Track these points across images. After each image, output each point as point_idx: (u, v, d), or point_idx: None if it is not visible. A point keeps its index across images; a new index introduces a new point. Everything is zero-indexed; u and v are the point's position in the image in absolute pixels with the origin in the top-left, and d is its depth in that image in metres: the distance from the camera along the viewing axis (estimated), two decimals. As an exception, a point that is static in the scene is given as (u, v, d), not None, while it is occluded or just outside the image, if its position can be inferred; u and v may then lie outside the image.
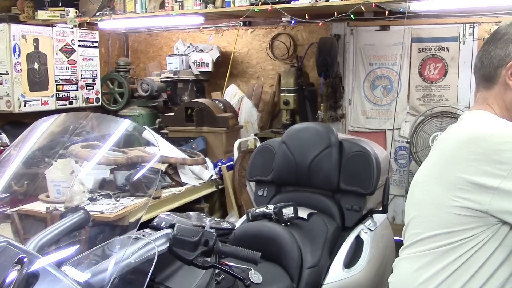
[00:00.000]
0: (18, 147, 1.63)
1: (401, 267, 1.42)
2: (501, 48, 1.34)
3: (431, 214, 1.33)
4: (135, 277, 1.34)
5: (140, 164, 3.03)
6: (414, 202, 1.42)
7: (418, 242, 1.36)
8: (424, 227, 1.35)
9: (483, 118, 1.35)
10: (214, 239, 1.54)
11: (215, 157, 4.39)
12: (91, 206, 2.75)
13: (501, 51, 1.34)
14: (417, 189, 1.41)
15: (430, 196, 1.34)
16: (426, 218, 1.35)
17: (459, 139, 1.30)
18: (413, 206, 1.42)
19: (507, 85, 1.34)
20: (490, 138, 1.23)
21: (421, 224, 1.36)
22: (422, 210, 1.37)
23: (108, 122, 1.91)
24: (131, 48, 6.38)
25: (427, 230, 1.33)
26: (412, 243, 1.39)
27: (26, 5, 5.33)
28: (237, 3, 4.45)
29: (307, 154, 2.61)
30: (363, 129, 5.11)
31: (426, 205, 1.35)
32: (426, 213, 1.35)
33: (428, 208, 1.34)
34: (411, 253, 1.38)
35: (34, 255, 1.20)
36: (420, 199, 1.39)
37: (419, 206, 1.39)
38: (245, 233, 2.27)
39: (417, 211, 1.39)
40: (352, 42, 5.07)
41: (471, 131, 1.30)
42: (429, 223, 1.33)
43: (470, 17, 4.54)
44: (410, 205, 1.44)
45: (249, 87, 5.57)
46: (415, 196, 1.42)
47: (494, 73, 1.35)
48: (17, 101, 4.62)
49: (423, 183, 1.38)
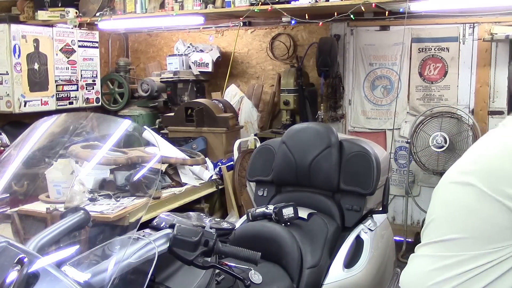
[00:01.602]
0: (18, 147, 1.63)
1: (416, 264, 1.36)
2: None
3: (459, 218, 1.27)
4: (135, 277, 1.34)
5: (140, 164, 3.03)
6: (441, 199, 1.34)
7: (440, 243, 1.30)
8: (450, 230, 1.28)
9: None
10: (214, 239, 1.54)
11: (215, 157, 4.40)
12: (91, 206, 2.75)
13: None
14: (446, 187, 1.33)
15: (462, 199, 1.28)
16: (454, 220, 1.28)
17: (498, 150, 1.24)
18: (439, 204, 1.34)
19: None
20: None
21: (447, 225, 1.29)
22: (449, 210, 1.30)
23: (108, 122, 1.91)
24: (131, 48, 6.38)
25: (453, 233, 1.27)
26: (432, 243, 1.32)
27: (26, 5, 5.33)
28: (237, 3, 4.45)
29: (307, 154, 2.61)
30: (363, 129, 5.11)
31: (455, 208, 1.28)
32: (453, 215, 1.28)
33: (457, 212, 1.28)
34: (430, 252, 1.32)
35: (34, 255, 1.20)
36: (448, 198, 1.32)
37: (447, 206, 1.32)
38: (245, 233, 2.27)
39: (443, 210, 1.32)
40: (352, 42, 5.07)
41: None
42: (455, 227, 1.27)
43: (470, 17, 4.54)
44: (436, 202, 1.36)
45: (249, 87, 5.57)
46: (442, 193, 1.35)
47: None
48: (17, 101, 4.62)
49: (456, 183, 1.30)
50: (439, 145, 4.28)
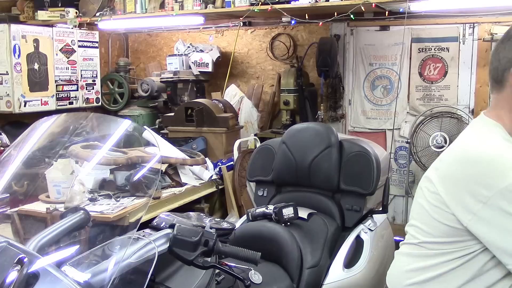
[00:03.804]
0: (18, 147, 1.63)
1: (398, 262, 1.47)
2: (509, 50, 1.27)
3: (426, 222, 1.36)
4: (135, 277, 1.33)
5: (140, 164, 3.03)
6: (417, 202, 1.42)
7: (415, 245, 1.39)
8: (421, 232, 1.38)
9: (483, 134, 1.31)
10: (214, 239, 1.54)
11: (215, 157, 4.39)
12: (91, 206, 2.75)
13: (509, 53, 1.27)
14: (420, 191, 1.41)
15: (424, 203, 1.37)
16: (424, 224, 1.37)
17: (455, 156, 1.31)
18: (416, 206, 1.43)
19: None
20: (480, 161, 1.23)
21: (419, 228, 1.39)
22: (420, 214, 1.39)
23: (108, 122, 1.91)
24: (131, 48, 6.38)
25: (424, 236, 1.36)
26: (410, 243, 1.42)
27: (26, 5, 5.33)
28: (237, 3, 4.45)
29: (307, 154, 2.61)
30: (363, 129, 5.11)
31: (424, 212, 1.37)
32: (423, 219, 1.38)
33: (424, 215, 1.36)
34: (408, 251, 1.42)
35: (34, 255, 1.20)
36: (418, 201, 1.41)
37: (419, 210, 1.40)
38: (245, 233, 2.27)
39: (417, 214, 1.41)
40: (352, 42, 5.07)
41: (467, 149, 1.29)
42: (425, 229, 1.36)
43: (470, 17, 4.54)
44: (415, 203, 1.45)
45: (249, 87, 5.57)
46: (415, 195, 1.44)
47: (502, 76, 1.30)
48: (17, 101, 4.62)
49: (426, 188, 1.38)
50: (439, 145, 4.28)
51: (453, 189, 1.27)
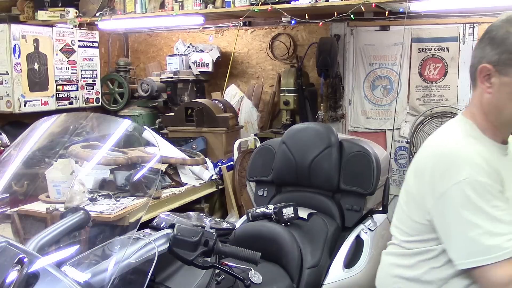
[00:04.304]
0: (18, 147, 1.63)
1: (383, 262, 1.50)
2: (481, 48, 1.28)
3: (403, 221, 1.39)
4: (135, 277, 1.34)
5: (140, 164, 3.03)
6: (398, 202, 1.45)
7: (397, 245, 1.42)
8: (400, 232, 1.41)
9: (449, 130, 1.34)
10: (214, 239, 1.54)
11: (215, 157, 4.39)
12: (91, 206, 2.75)
13: (480, 52, 1.29)
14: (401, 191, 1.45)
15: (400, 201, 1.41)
16: (402, 223, 1.40)
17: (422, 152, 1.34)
18: (397, 207, 1.46)
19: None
20: (439, 156, 1.26)
21: (399, 228, 1.42)
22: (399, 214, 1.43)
23: (108, 122, 1.91)
24: (131, 48, 6.38)
25: (402, 235, 1.40)
26: (393, 243, 1.46)
27: (26, 5, 5.33)
28: (237, 3, 4.45)
29: (307, 154, 2.61)
30: (363, 129, 5.11)
31: (401, 211, 1.41)
32: (401, 218, 1.41)
33: (402, 214, 1.40)
34: (392, 251, 1.45)
35: (34, 255, 1.20)
36: (400, 202, 1.44)
37: (399, 209, 1.44)
38: (245, 233, 2.27)
39: (397, 214, 1.45)
40: (352, 42, 5.07)
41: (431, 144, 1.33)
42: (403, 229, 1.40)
43: (470, 17, 4.54)
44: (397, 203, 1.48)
45: (249, 87, 5.57)
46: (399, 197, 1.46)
47: (474, 74, 1.32)
48: (17, 101, 4.62)
49: (403, 187, 1.42)
50: (439, 145, 4.27)
51: (419, 184, 1.29)
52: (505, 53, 1.21)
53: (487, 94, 1.27)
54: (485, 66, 1.25)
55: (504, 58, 1.22)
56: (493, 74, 1.24)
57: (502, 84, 1.23)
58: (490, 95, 1.27)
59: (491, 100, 1.27)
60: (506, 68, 1.22)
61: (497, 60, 1.23)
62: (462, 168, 1.18)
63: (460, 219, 1.16)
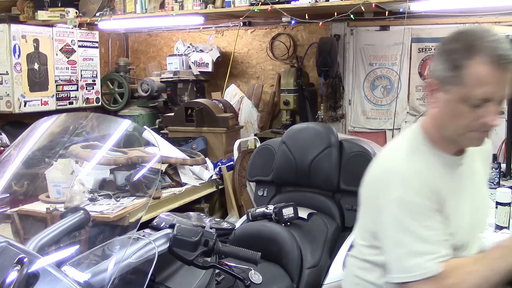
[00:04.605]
0: (18, 147, 1.62)
1: (348, 262, 1.55)
2: (433, 61, 1.27)
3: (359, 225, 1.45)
4: (135, 277, 1.33)
5: (140, 164, 3.03)
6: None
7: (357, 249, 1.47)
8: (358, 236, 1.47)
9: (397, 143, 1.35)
10: (214, 239, 1.54)
11: (215, 157, 4.39)
12: (91, 206, 2.75)
13: (432, 64, 1.26)
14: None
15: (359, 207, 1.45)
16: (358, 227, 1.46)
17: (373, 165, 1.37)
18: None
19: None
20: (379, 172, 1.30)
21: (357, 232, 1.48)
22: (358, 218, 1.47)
23: (108, 122, 1.91)
24: (131, 48, 6.38)
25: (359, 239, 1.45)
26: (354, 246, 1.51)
27: (26, 5, 5.33)
28: (237, 3, 4.45)
29: (307, 154, 2.61)
30: (363, 129, 5.11)
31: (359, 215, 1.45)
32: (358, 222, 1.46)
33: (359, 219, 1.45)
34: (353, 254, 1.50)
35: (34, 255, 1.19)
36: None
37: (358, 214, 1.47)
38: (245, 233, 2.27)
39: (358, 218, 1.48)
40: (352, 42, 5.07)
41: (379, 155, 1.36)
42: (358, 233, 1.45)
43: (470, 17, 4.54)
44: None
45: (249, 87, 5.57)
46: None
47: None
48: (17, 101, 4.62)
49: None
50: (439, 145, 4.27)
51: (367, 195, 1.34)
52: (447, 70, 1.19)
53: (434, 108, 1.27)
54: (431, 81, 1.24)
55: (447, 76, 1.19)
56: (438, 89, 1.23)
57: (445, 100, 1.21)
58: (437, 110, 1.26)
59: (438, 115, 1.26)
60: (448, 85, 1.19)
61: (441, 76, 1.20)
62: (395, 188, 1.21)
63: (390, 236, 1.22)
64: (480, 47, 1.15)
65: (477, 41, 1.15)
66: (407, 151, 1.28)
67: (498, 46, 1.14)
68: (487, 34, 1.17)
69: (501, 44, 1.15)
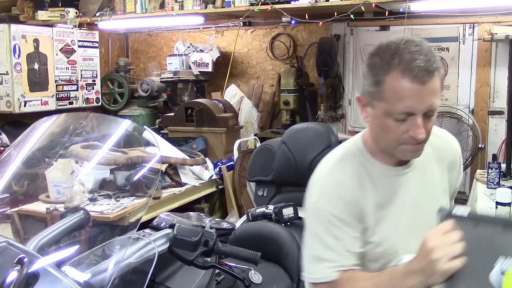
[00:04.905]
0: (18, 147, 1.62)
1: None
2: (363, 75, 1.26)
3: None
4: (135, 277, 1.34)
5: (140, 164, 3.03)
6: None
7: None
8: None
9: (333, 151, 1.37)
10: (214, 239, 1.54)
11: (215, 157, 4.39)
12: (91, 206, 2.75)
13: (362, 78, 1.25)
14: None
15: None
16: None
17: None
18: None
19: None
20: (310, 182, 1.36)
21: None
22: None
23: (108, 122, 1.91)
24: (131, 48, 6.38)
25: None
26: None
27: (26, 5, 5.34)
28: (237, 3, 4.45)
29: (307, 154, 2.61)
30: (363, 129, 5.07)
31: None
32: None
33: None
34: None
35: (34, 255, 1.19)
36: None
37: None
38: (245, 233, 2.27)
39: None
40: (352, 42, 5.07)
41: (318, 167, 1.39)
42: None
43: (470, 17, 4.54)
44: None
45: (249, 87, 5.57)
46: None
47: None
48: (17, 101, 4.62)
49: None
50: (439, 145, 4.27)
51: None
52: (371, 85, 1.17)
53: (367, 123, 1.27)
54: (360, 96, 1.24)
55: (371, 91, 1.18)
56: (366, 104, 1.22)
57: (373, 116, 1.21)
58: (369, 123, 1.26)
59: (371, 129, 1.27)
60: (374, 100, 1.18)
61: (367, 92, 1.19)
62: (313, 194, 1.30)
63: (305, 238, 1.29)
64: (397, 61, 1.12)
65: (395, 55, 1.12)
66: (336, 161, 1.31)
67: (416, 58, 1.10)
68: (406, 46, 1.13)
69: (419, 56, 1.10)
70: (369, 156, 1.29)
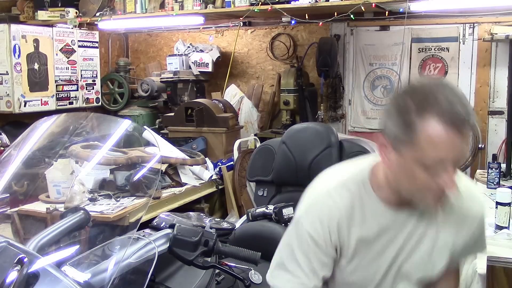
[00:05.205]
0: (18, 147, 1.62)
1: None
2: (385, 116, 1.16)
3: None
4: (135, 277, 1.34)
5: (140, 164, 3.03)
6: None
7: None
8: None
9: (338, 169, 1.37)
10: (214, 239, 1.54)
11: (215, 157, 4.39)
12: (91, 206, 2.75)
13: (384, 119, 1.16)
14: None
15: None
16: None
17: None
18: None
19: None
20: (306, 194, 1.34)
21: None
22: None
23: (108, 122, 1.91)
24: (131, 48, 6.38)
25: None
26: None
27: (26, 5, 5.33)
28: (237, 3, 4.45)
29: (307, 154, 2.61)
30: (363, 129, 5.11)
31: None
32: None
33: None
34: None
35: (34, 255, 1.19)
36: None
37: None
38: (245, 233, 2.27)
39: None
40: (352, 42, 5.07)
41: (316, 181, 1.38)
42: None
43: (470, 17, 4.54)
44: None
45: (249, 87, 5.57)
46: None
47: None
48: (17, 101, 4.62)
49: None
50: (439, 145, 4.27)
51: None
52: (396, 126, 1.09)
53: (386, 166, 1.19)
54: (382, 138, 1.15)
55: (397, 134, 1.09)
56: (390, 149, 1.14)
57: (396, 160, 1.13)
58: (388, 167, 1.18)
59: (392, 173, 1.18)
60: (399, 145, 1.09)
61: (393, 135, 1.10)
62: (302, 207, 1.29)
63: (280, 242, 1.31)
64: (433, 104, 1.03)
65: (429, 96, 1.04)
66: (337, 185, 1.27)
67: (454, 104, 1.03)
68: (441, 90, 1.05)
69: (456, 102, 1.04)
70: (370, 190, 1.24)
